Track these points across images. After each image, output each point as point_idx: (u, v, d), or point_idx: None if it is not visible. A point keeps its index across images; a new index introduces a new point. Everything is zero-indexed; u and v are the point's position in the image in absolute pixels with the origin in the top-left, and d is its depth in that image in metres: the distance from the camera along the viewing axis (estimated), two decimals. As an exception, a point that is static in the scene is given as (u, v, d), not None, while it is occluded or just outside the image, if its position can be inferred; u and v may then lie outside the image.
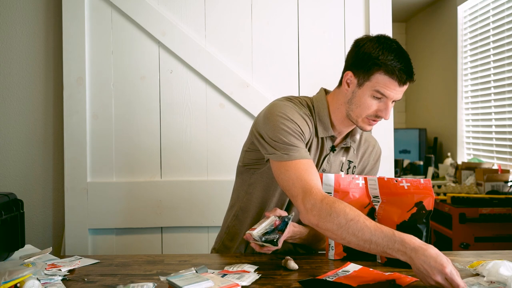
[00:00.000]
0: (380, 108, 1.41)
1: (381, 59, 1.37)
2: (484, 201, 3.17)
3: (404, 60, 1.38)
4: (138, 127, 2.17)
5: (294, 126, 1.42)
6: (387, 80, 1.37)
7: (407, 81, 1.38)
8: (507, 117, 3.73)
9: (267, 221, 1.40)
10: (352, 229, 1.24)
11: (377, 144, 1.67)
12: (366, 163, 1.63)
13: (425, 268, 1.14)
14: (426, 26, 5.32)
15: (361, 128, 1.48)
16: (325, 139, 1.52)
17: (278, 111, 1.44)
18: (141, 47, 2.17)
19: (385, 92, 1.38)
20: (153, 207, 2.15)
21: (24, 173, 2.21)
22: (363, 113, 1.43)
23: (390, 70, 1.36)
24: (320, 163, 1.53)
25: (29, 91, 2.20)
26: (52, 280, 1.26)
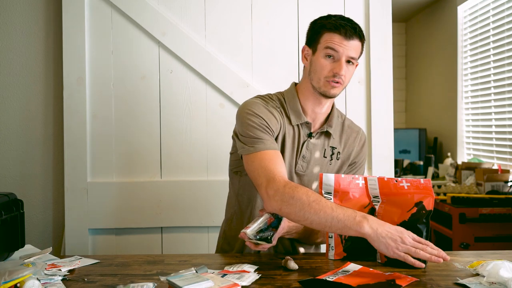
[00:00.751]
0: (334, 65, 1.47)
1: (325, 22, 1.50)
2: (484, 201, 3.17)
3: (346, 19, 1.50)
4: (138, 127, 2.17)
5: (259, 120, 1.48)
6: (332, 36, 1.47)
7: (353, 35, 1.46)
8: (507, 117, 3.73)
9: (260, 219, 1.41)
10: (314, 209, 1.31)
11: (361, 131, 1.68)
12: (351, 149, 1.63)
13: (390, 237, 1.26)
14: (426, 26, 5.32)
15: (325, 94, 1.51)
16: (301, 126, 1.56)
17: (246, 108, 1.52)
18: (141, 47, 2.17)
19: (334, 46, 1.46)
20: (153, 207, 2.15)
21: (24, 173, 2.21)
22: (321, 76, 1.49)
23: (334, 26, 1.47)
24: (299, 150, 1.56)
25: (29, 91, 2.20)
26: (52, 280, 1.26)
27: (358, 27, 1.49)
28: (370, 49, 2.20)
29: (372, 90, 2.20)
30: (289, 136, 1.55)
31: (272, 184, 1.37)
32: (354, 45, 1.48)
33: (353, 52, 1.48)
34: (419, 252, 1.26)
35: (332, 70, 1.47)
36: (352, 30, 1.46)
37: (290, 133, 1.55)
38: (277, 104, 1.56)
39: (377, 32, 2.20)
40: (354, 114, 2.21)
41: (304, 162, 1.56)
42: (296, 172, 1.56)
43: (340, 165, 1.63)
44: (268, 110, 1.52)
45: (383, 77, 2.20)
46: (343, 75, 1.47)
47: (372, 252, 1.44)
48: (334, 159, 1.60)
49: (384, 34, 2.20)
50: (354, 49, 1.48)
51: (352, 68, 1.51)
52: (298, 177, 1.57)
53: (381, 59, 2.20)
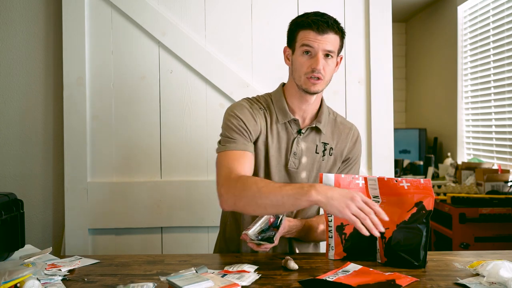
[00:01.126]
0: (312, 61, 1.49)
1: (299, 20, 1.52)
2: (484, 201, 3.17)
3: (320, 14, 1.51)
4: (138, 127, 2.17)
5: (237, 122, 1.52)
6: (306, 33, 1.49)
7: (326, 29, 1.48)
8: (507, 117, 3.73)
9: (261, 220, 1.41)
10: (264, 194, 1.35)
11: (354, 127, 1.69)
12: (344, 145, 1.64)
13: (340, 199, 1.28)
14: (426, 26, 5.32)
15: (307, 90, 1.52)
16: (289, 124, 1.58)
17: (230, 110, 1.57)
18: (141, 47, 2.16)
19: (309, 42, 1.48)
20: (153, 207, 2.15)
21: (24, 173, 2.21)
22: (301, 73, 1.51)
23: (306, 23, 1.49)
24: (290, 147, 1.57)
25: (29, 91, 2.20)
26: (52, 280, 1.26)
27: (332, 21, 1.50)
28: (370, 49, 2.20)
29: (372, 90, 2.20)
30: (277, 135, 1.57)
31: (226, 182, 1.43)
32: (330, 39, 1.49)
33: (329, 46, 1.49)
34: (366, 220, 1.28)
35: (310, 66, 1.49)
36: (324, 24, 1.48)
37: (277, 132, 1.57)
38: (263, 105, 1.59)
39: (377, 32, 2.20)
40: (354, 114, 2.21)
41: (295, 159, 1.57)
42: (288, 169, 1.57)
43: (333, 161, 1.63)
44: (250, 112, 1.55)
45: (383, 77, 2.20)
46: (322, 70, 1.49)
47: (372, 252, 1.44)
48: (327, 155, 1.61)
49: (384, 34, 2.20)
50: (330, 43, 1.49)
51: (332, 61, 1.52)
52: (289, 174, 1.58)
53: (381, 59, 2.20)
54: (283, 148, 1.57)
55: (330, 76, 1.54)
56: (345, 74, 2.21)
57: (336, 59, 1.54)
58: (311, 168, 1.59)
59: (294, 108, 1.59)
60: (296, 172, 1.58)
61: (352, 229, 1.45)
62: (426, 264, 1.37)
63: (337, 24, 1.51)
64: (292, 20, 1.57)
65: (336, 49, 1.52)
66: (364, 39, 2.21)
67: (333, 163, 1.63)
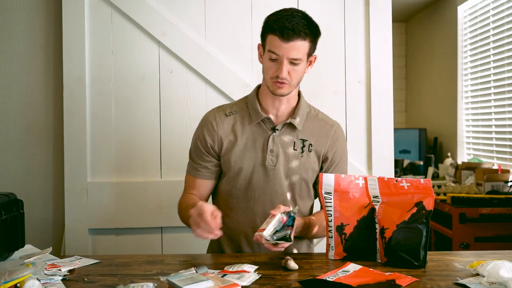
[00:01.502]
0: (276, 68, 1.50)
1: (270, 23, 1.50)
2: (484, 201, 3.17)
3: (290, 19, 1.46)
4: (138, 127, 2.17)
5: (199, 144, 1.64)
6: (273, 39, 1.48)
7: (293, 36, 1.45)
8: (507, 117, 3.73)
9: (274, 220, 1.39)
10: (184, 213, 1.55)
11: (336, 124, 1.69)
12: (324, 142, 1.63)
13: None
14: (426, 26, 5.32)
15: (273, 93, 1.55)
16: (263, 123, 1.60)
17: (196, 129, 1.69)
18: (141, 47, 2.16)
19: (274, 50, 1.48)
20: (153, 207, 2.15)
21: (24, 173, 2.21)
22: (267, 76, 1.53)
23: (273, 29, 1.48)
24: (266, 145, 1.58)
25: (29, 91, 2.20)
26: (52, 280, 1.26)
27: (301, 26, 1.46)
28: (370, 49, 2.20)
29: (372, 90, 2.20)
30: (251, 135, 1.59)
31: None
32: (295, 46, 1.47)
33: (294, 54, 1.47)
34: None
35: (275, 71, 1.50)
36: (291, 31, 1.45)
37: (251, 132, 1.60)
38: (233, 111, 1.63)
39: (377, 32, 2.20)
40: (354, 114, 2.21)
41: (273, 156, 1.58)
42: (265, 167, 1.58)
43: (314, 158, 1.62)
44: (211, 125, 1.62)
45: (383, 77, 2.20)
46: (287, 76, 1.50)
47: (372, 252, 1.44)
48: (306, 151, 1.61)
49: (384, 34, 2.20)
50: (295, 50, 1.47)
51: (299, 66, 1.51)
52: (267, 172, 1.59)
53: (381, 59, 2.20)
54: (258, 146, 1.59)
55: (298, 80, 1.55)
56: (345, 74, 2.21)
57: (305, 62, 1.53)
58: (290, 165, 1.59)
59: (268, 107, 1.61)
60: (274, 169, 1.59)
61: (352, 229, 1.45)
62: (426, 264, 1.37)
63: (305, 29, 1.47)
64: (265, 18, 1.54)
65: (304, 54, 1.50)
66: (364, 39, 2.21)
67: (313, 160, 1.62)
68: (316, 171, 1.63)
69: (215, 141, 1.61)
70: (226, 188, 1.64)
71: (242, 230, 1.61)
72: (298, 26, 1.46)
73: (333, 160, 1.64)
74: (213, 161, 1.63)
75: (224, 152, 1.61)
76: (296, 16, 1.48)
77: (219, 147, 1.61)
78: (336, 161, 1.64)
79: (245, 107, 1.64)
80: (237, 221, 1.61)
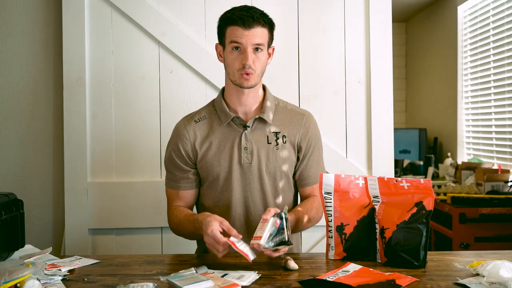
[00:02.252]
0: (241, 57, 1.52)
1: (226, 17, 1.56)
2: (484, 201, 3.17)
3: (246, 9, 1.53)
4: (138, 127, 2.17)
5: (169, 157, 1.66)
6: (233, 29, 1.52)
7: (253, 23, 1.51)
8: (507, 117, 3.73)
9: (268, 225, 1.37)
10: (180, 228, 1.60)
11: (308, 113, 1.70)
12: (296, 131, 1.65)
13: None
14: (426, 26, 5.32)
15: (241, 86, 1.56)
16: (233, 122, 1.62)
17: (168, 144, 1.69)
18: (141, 47, 2.16)
19: (236, 39, 1.51)
20: (153, 207, 2.15)
21: (24, 173, 2.21)
22: (233, 69, 1.55)
23: (232, 19, 1.52)
24: (239, 143, 1.60)
25: (29, 91, 2.20)
26: (52, 280, 1.26)
27: (258, 14, 1.53)
28: (370, 49, 2.20)
29: (372, 90, 2.20)
30: (223, 136, 1.61)
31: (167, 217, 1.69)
32: (257, 32, 1.52)
33: (257, 39, 1.52)
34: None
35: (241, 62, 1.52)
36: (250, 18, 1.50)
37: (223, 133, 1.62)
38: (202, 117, 1.65)
39: (377, 32, 2.20)
40: (354, 114, 2.21)
41: (247, 153, 1.59)
42: (242, 165, 1.60)
43: (290, 149, 1.63)
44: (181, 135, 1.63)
45: (383, 77, 2.20)
46: (252, 64, 1.52)
47: (372, 252, 1.44)
48: (281, 143, 1.62)
49: (384, 34, 2.20)
50: (258, 36, 1.52)
51: (262, 54, 1.54)
52: (244, 170, 1.60)
53: (381, 59, 2.20)
54: (232, 146, 1.60)
55: (262, 69, 1.57)
56: (345, 74, 2.21)
57: (266, 51, 1.57)
58: (266, 159, 1.60)
59: (235, 105, 1.62)
60: (250, 166, 1.60)
61: (352, 229, 1.45)
62: (426, 264, 1.37)
63: (264, 17, 1.55)
64: (220, 17, 1.59)
65: (266, 41, 1.55)
66: (364, 39, 2.21)
67: (289, 151, 1.63)
68: (293, 162, 1.65)
69: (189, 150, 1.62)
70: (207, 193, 1.66)
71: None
72: (256, 14, 1.53)
73: (308, 148, 1.66)
74: (190, 170, 1.64)
75: (200, 159, 1.62)
76: (251, 8, 1.55)
77: (194, 155, 1.63)
78: (311, 149, 1.66)
79: (213, 110, 1.65)
80: None
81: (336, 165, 2.15)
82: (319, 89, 2.20)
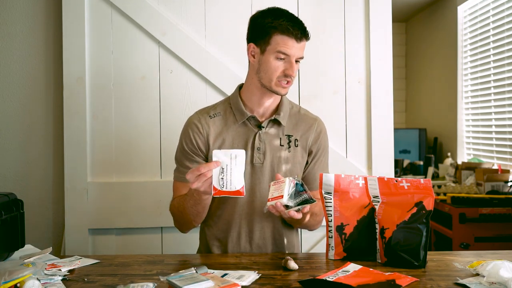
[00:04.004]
0: (286, 67, 1.53)
1: (274, 23, 1.51)
2: (484, 201, 3.17)
3: (295, 19, 1.53)
4: (138, 127, 2.17)
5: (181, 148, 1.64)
6: (284, 39, 1.51)
7: (302, 37, 1.52)
8: (507, 117, 3.73)
9: (285, 185, 1.34)
10: (180, 209, 1.56)
11: (319, 119, 1.72)
12: (308, 135, 1.66)
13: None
14: (426, 26, 5.32)
15: (277, 93, 1.57)
16: (248, 122, 1.62)
17: (181, 133, 1.66)
18: (141, 47, 2.16)
19: (286, 50, 1.51)
20: (153, 207, 2.15)
21: (24, 173, 2.21)
22: (273, 77, 1.54)
23: (285, 29, 1.50)
24: (252, 142, 1.60)
25: (29, 91, 2.20)
26: (52, 280, 1.26)
27: (305, 26, 1.54)
28: (370, 49, 2.20)
29: (372, 90, 2.20)
30: (237, 135, 1.61)
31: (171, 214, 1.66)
32: (303, 46, 1.54)
33: (301, 53, 1.55)
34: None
35: (284, 71, 1.53)
36: (302, 32, 1.52)
37: (237, 132, 1.61)
38: (217, 112, 1.64)
39: (377, 32, 2.20)
40: (354, 114, 2.21)
41: (260, 154, 1.60)
42: (253, 165, 1.60)
43: (301, 153, 1.64)
44: (197, 128, 1.61)
45: (383, 77, 2.20)
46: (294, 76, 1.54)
47: (372, 252, 1.44)
48: (293, 147, 1.63)
49: (384, 34, 2.20)
50: (302, 50, 1.55)
51: (299, 65, 1.57)
52: (255, 170, 1.60)
53: (381, 59, 2.20)
54: (245, 145, 1.60)
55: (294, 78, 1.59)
56: (345, 74, 2.21)
57: None
58: (278, 161, 1.61)
59: (253, 106, 1.63)
60: (262, 167, 1.60)
61: (352, 229, 1.45)
62: (426, 264, 1.37)
63: (306, 29, 1.55)
64: (263, 19, 1.54)
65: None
66: (364, 39, 2.21)
67: (301, 155, 1.65)
68: (302, 165, 1.66)
69: (202, 142, 1.62)
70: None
71: (231, 230, 1.62)
72: (303, 26, 1.53)
73: (317, 153, 1.68)
74: (202, 162, 1.63)
75: None
76: (298, 19, 1.54)
77: (206, 148, 1.62)
78: (319, 154, 1.68)
79: (229, 107, 1.65)
80: (227, 221, 1.62)
81: (336, 165, 2.14)
82: (319, 89, 2.20)
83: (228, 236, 1.62)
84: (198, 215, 1.55)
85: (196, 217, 1.55)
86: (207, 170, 1.33)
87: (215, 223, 1.64)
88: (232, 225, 1.61)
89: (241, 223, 1.61)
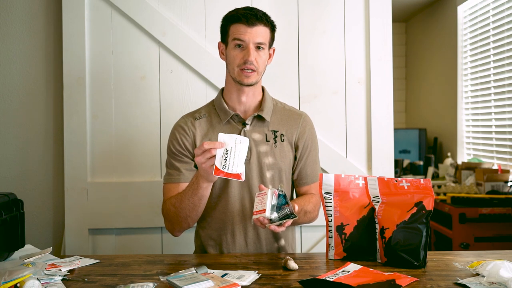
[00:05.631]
0: (244, 53, 1.56)
1: (229, 15, 1.60)
2: (484, 201, 3.17)
3: (248, 8, 1.59)
4: (138, 127, 2.17)
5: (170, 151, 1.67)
6: (236, 27, 1.57)
7: (256, 21, 1.55)
8: (507, 117, 3.73)
9: (268, 196, 1.35)
10: (176, 205, 1.55)
11: (304, 114, 1.74)
12: (294, 130, 1.68)
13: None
14: (426, 26, 5.32)
15: (241, 83, 1.59)
16: (232, 120, 1.65)
17: (169, 138, 1.69)
18: (141, 47, 2.16)
19: (239, 36, 1.55)
20: (153, 207, 2.15)
21: (24, 173, 2.21)
22: (234, 65, 1.58)
23: (236, 18, 1.57)
24: None
25: (29, 91, 2.20)
26: (52, 280, 1.26)
27: (261, 13, 1.58)
28: (370, 49, 2.20)
29: (372, 90, 2.20)
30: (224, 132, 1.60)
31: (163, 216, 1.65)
32: (260, 31, 1.56)
33: (259, 38, 1.56)
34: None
35: (243, 58, 1.56)
36: (253, 17, 1.55)
37: (222, 131, 1.61)
38: (201, 115, 1.69)
39: (377, 32, 2.20)
40: (354, 114, 2.21)
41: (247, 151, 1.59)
42: None
43: (288, 147, 1.66)
44: (183, 130, 1.65)
45: (383, 77, 2.20)
46: (254, 61, 1.55)
47: (372, 252, 1.44)
48: (279, 141, 1.65)
49: (384, 34, 2.20)
50: (260, 35, 1.56)
51: (264, 53, 1.58)
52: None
53: (381, 59, 2.20)
54: None
55: (263, 68, 1.61)
56: (345, 74, 2.21)
57: (268, 51, 1.61)
58: (264, 156, 1.62)
59: (234, 104, 1.65)
60: (249, 163, 1.61)
61: (352, 229, 1.45)
62: (426, 264, 1.37)
63: (266, 17, 1.59)
64: (223, 16, 1.63)
65: (267, 41, 1.59)
66: (364, 39, 2.21)
67: (287, 149, 1.66)
68: (291, 160, 1.67)
69: (189, 143, 1.64)
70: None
71: (225, 229, 1.63)
72: (259, 13, 1.58)
73: (305, 148, 1.69)
74: (191, 162, 1.65)
75: None
76: (254, 8, 1.61)
77: (193, 149, 1.63)
78: (308, 149, 1.69)
79: (213, 109, 1.68)
80: (220, 220, 1.63)
81: (336, 165, 2.15)
82: (319, 89, 2.20)
83: (223, 235, 1.63)
84: (194, 209, 1.54)
85: (192, 211, 1.55)
86: (211, 147, 1.36)
87: (209, 224, 1.65)
88: (226, 223, 1.63)
89: (233, 220, 1.62)
